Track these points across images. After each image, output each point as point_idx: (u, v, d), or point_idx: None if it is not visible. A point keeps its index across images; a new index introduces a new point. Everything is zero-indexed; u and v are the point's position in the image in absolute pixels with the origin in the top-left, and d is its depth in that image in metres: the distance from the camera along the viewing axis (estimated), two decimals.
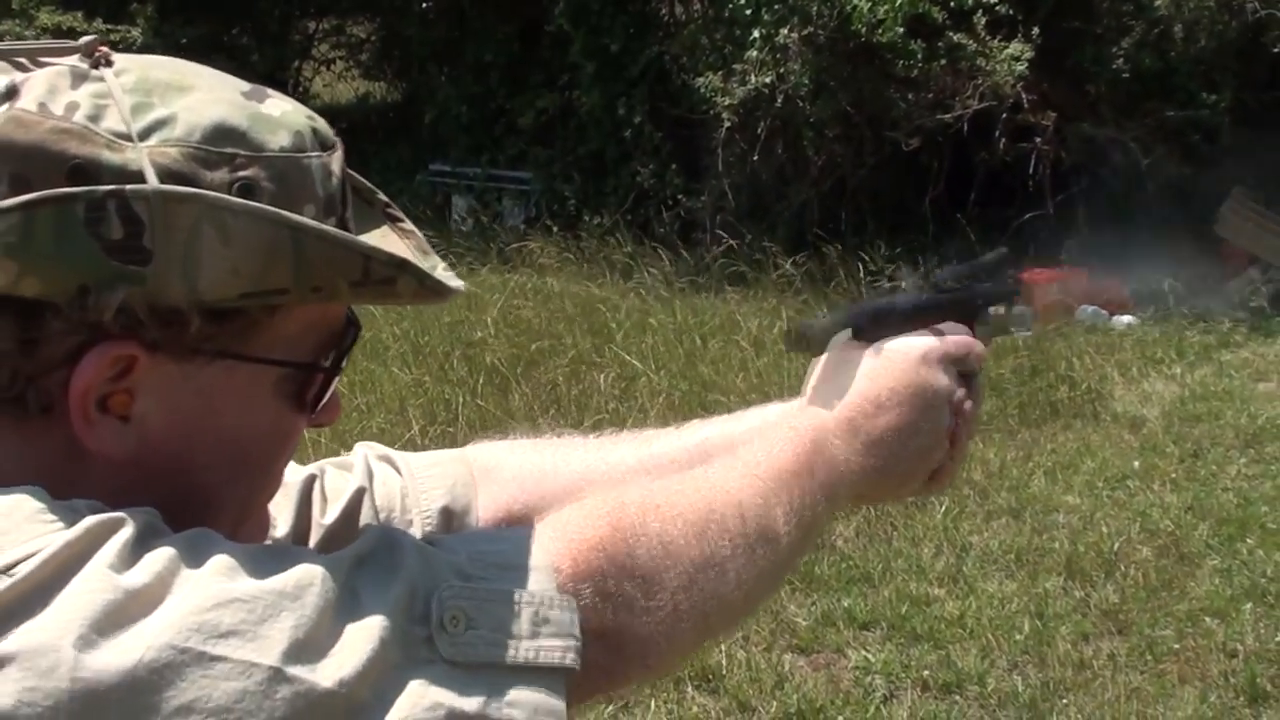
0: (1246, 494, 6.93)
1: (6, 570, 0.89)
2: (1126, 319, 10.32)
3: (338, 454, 1.54)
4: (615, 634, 1.06)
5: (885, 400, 1.35)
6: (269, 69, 16.65)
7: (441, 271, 1.14)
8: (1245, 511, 6.68)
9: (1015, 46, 10.77)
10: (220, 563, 0.93)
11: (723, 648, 5.11)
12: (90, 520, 0.92)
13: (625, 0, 13.13)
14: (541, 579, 1.03)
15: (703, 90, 11.79)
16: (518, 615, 1.00)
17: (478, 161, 14.52)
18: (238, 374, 1.06)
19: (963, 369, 1.42)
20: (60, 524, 0.92)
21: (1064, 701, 4.98)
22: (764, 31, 11.48)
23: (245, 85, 1.08)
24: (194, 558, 0.93)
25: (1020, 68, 10.67)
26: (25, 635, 0.86)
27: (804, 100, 11.37)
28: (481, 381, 8.31)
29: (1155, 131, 11.07)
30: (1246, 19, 10.95)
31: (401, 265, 1.07)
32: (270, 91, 1.10)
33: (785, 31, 11.31)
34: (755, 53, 11.47)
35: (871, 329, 1.42)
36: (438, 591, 0.98)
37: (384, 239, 1.17)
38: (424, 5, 15.70)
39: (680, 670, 4.69)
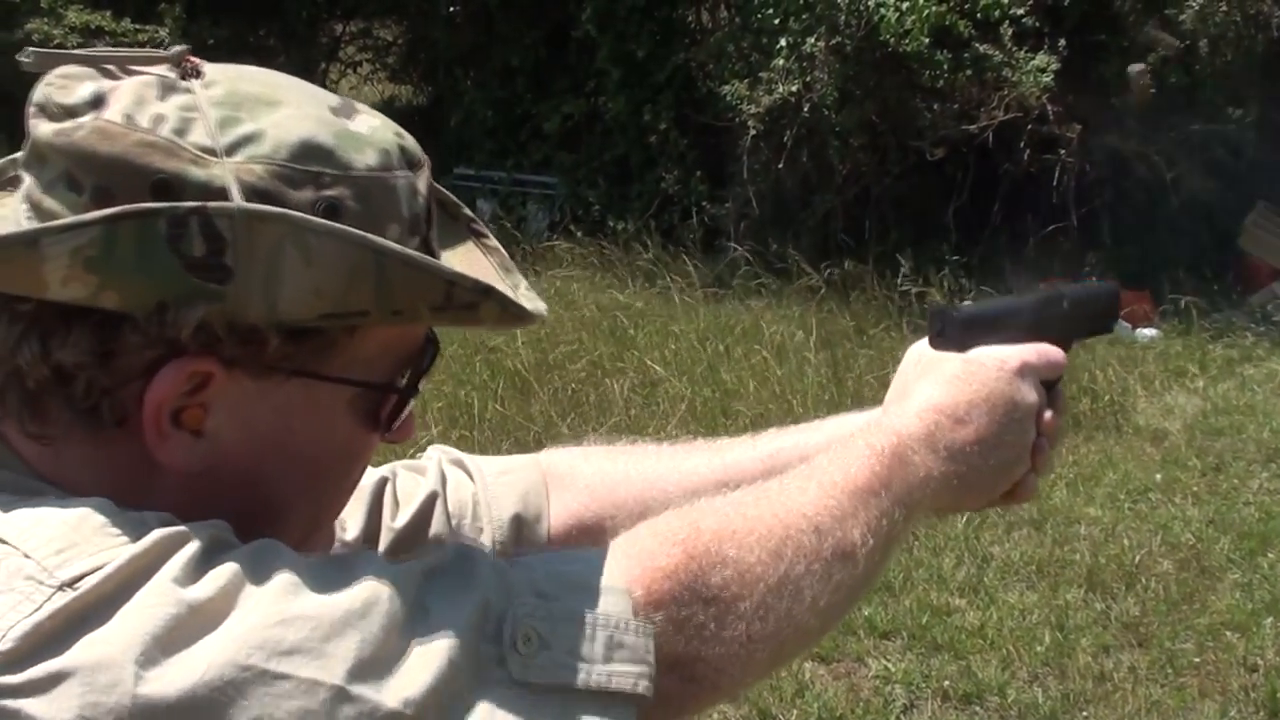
0: (1268, 508, 6.92)
1: (72, 583, 0.89)
2: (1149, 332, 10.29)
3: None
4: (688, 662, 1.04)
5: (965, 414, 1.29)
6: (295, 71, 16.42)
7: (524, 291, 1.14)
8: (1267, 526, 6.68)
9: (1041, 58, 10.76)
10: (286, 578, 0.92)
11: None
12: (158, 534, 0.92)
13: (652, 7, 13.14)
14: (618, 602, 1.01)
15: (728, 98, 11.80)
16: (592, 638, 0.98)
17: (503, 166, 14.52)
18: (313, 392, 1.05)
19: (1045, 378, 1.36)
20: (127, 537, 0.92)
21: (1084, 714, 5.00)
22: (791, 40, 11.49)
23: (335, 100, 1.08)
24: (260, 573, 0.92)
25: (1046, 79, 10.66)
26: (88, 649, 0.86)
27: (829, 109, 11.38)
28: (502, 386, 8.33)
29: (1180, 145, 11.05)
30: (1272, 34, 10.92)
31: (486, 291, 1.05)
32: (360, 106, 1.09)
33: (812, 40, 11.32)
34: (782, 61, 11.48)
35: (957, 334, 1.36)
36: (511, 609, 0.97)
37: (468, 255, 1.17)
38: (451, 9, 15.71)
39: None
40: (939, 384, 1.31)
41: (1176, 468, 7.51)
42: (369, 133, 1.05)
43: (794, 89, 11.36)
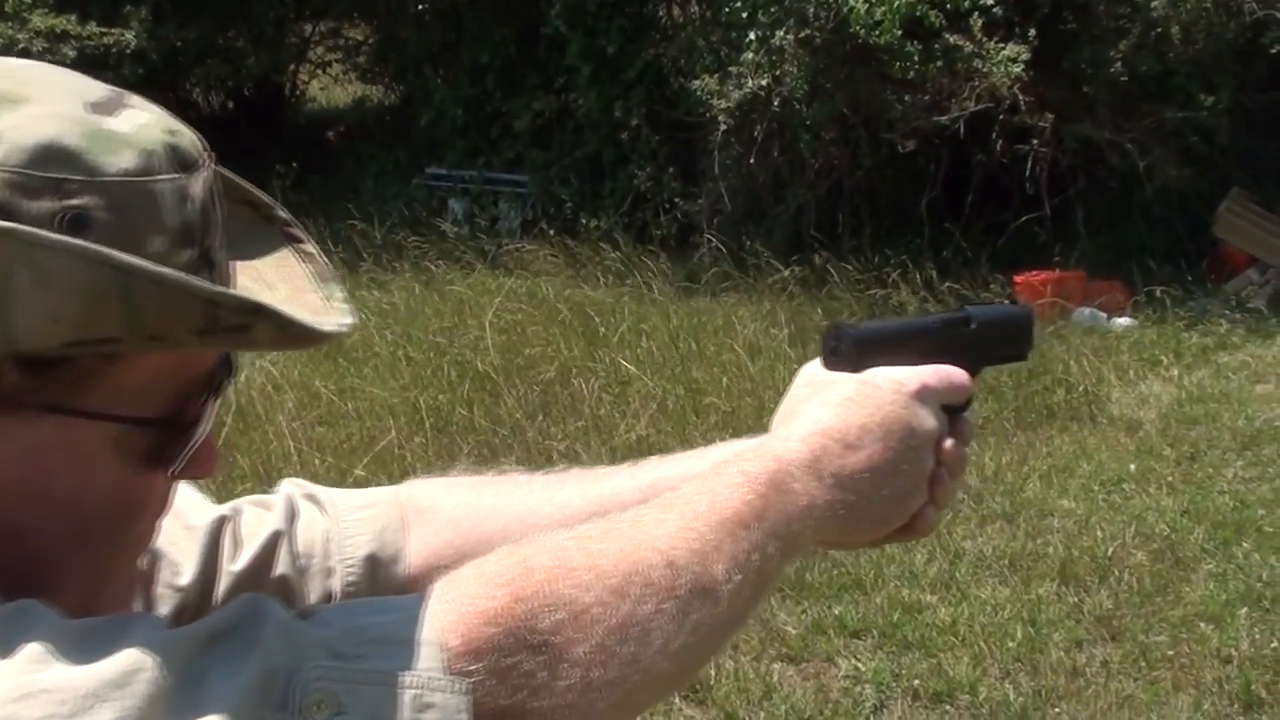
0: (1243, 497, 6.88)
1: None
2: (1124, 321, 10.27)
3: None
4: (515, 715, 0.94)
5: (857, 439, 1.17)
6: (264, 72, 16.59)
7: (338, 303, 1.04)
8: (1241, 515, 6.63)
9: (1012, 48, 10.73)
10: (36, 647, 0.83)
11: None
12: None
13: (622, 3, 13.12)
14: (427, 656, 0.91)
15: (699, 93, 11.77)
16: (395, 700, 0.89)
17: (474, 165, 14.49)
18: (70, 431, 0.94)
19: (948, 404, 1.24)
20: None
21: (1056, 710, 4.94)
22: (760, 34, 11.45)
23: (99, 94, 0.96)
24: (8, 640, 0.83)
25: (1017, 69, 10.62)
26: None
27: (800, 102, 11.34)
28: (469, 388, 8.25)
29: (1153, 133, 11.04)
30: (1244, 20, 10.91)
31: (256, 311, 0.94)
32: (133, 101, 0.98)
33: (781, 34, 11.28)
34: (751, 55, 11.44)
35: (853, 354, 1.24)
36: (300, 672, 0.87)
37: (281, 264, 1.07)
38: (420, 8, 15.66)
39: None
40: (829, 406, 1.20)
41: (1151, 457, 7.46)
42: (131, 131, 0.94)
43: (764, 83, 11.33)
